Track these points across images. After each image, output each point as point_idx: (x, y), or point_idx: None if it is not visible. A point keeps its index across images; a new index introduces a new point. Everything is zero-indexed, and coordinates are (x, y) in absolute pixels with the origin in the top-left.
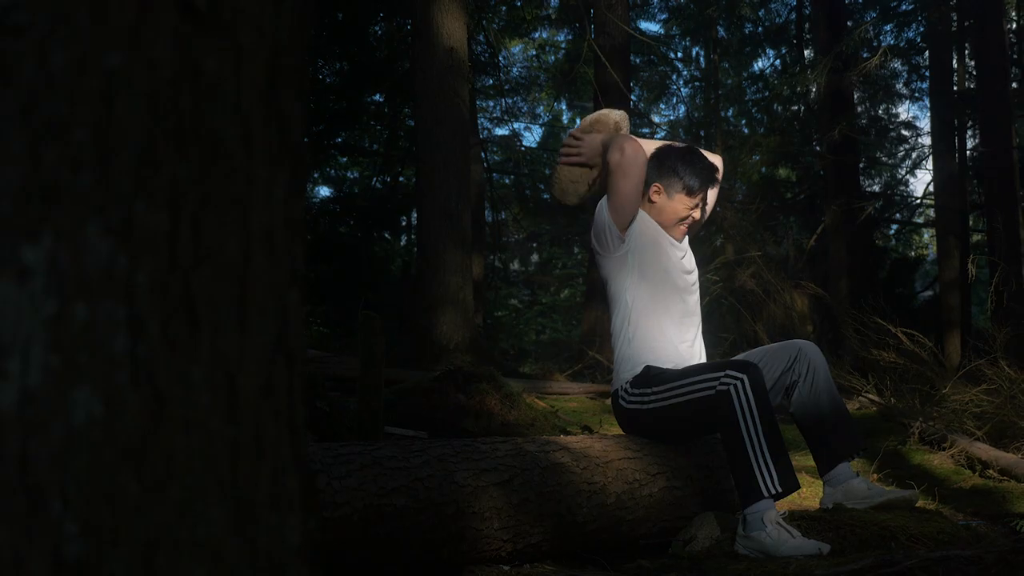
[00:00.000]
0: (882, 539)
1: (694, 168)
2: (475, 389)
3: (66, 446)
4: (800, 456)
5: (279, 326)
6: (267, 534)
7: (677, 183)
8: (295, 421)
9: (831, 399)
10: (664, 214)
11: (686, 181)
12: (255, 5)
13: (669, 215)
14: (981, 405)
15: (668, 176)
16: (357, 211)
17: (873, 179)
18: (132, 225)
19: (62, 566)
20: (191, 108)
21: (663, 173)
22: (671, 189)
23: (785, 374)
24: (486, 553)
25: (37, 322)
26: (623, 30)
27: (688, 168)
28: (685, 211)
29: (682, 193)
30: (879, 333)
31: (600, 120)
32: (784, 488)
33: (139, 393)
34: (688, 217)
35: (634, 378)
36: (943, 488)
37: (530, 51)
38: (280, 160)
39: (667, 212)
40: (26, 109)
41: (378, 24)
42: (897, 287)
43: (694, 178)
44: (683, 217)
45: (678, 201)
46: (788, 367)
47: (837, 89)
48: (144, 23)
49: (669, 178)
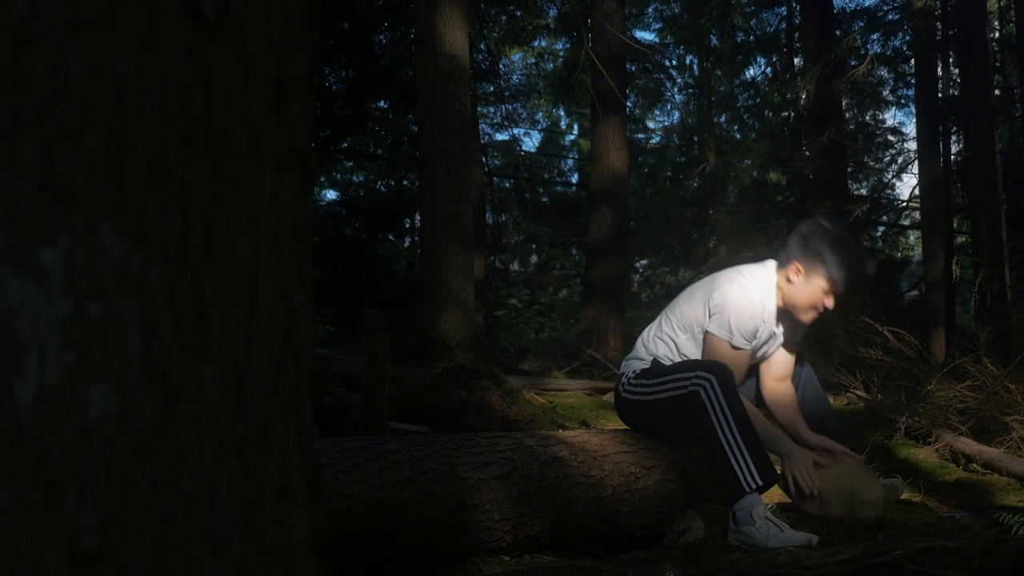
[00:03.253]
0: (869, 530)
1: (842, 262)
2: (476, 386)
3: (81, 441)
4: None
5: (286, 325)
6: (275, 526)
7: (821, 269)
8: (302, 417)
9: (816, 397)
10: (798, 298)
11: (832, 273)
12: (263, 14)
13: (803, 301)
14: (965, 401)
15: (813, 260)
16: (362, 214)
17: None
18: (144, 227)
19: (77, 556)
20: (201, 114)
21: (808, 254)
22: (813, 273)
23: None
24: (487, 544)
25: (53, 321)
26: (619, 39)
27: (836, 260)
28: (821, 298)
29: (824, 281)
30: (866, 332)
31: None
32: (765, 481)
33: (151, 390)
34: (822, 304)
35: (641, 370)
36: (928, 481)
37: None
38: (287, 164)
39: (801, 296)
40: (42, 115)
41: (382, 33)
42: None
43: (842, 272)
44: (818, 304)
45: (818, 286)
46: None
47: (826, 96)
48: (155, 32)
49: (814, 262)
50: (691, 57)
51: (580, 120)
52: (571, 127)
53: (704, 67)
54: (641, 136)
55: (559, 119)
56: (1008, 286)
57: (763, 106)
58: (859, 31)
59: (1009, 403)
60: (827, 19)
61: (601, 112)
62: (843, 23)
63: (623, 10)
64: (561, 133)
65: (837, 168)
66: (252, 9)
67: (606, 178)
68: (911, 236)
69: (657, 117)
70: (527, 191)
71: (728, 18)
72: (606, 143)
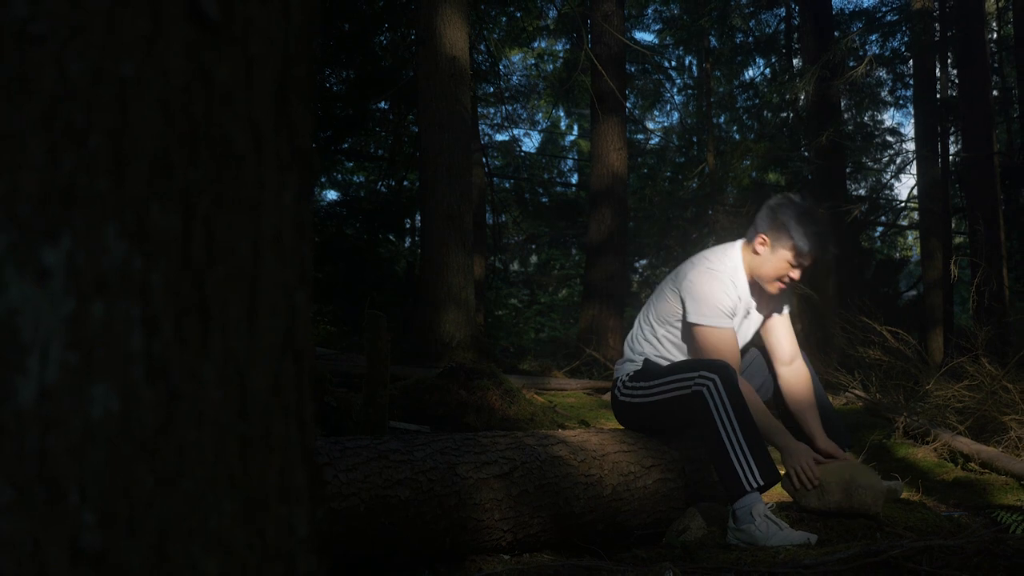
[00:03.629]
0: (868, 529)
1: (807, 232)
2: (476, 385)
3: (83, 440)
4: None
5: (288, 324)
6: (276, 525)
7: (786, 240)
8: (303, 416)
9: (817, 396)
10: (764, 268)
11: (796, 243)
12: (265, 16)
13: (768, 271)
14: (963, 401)
15: (778, 231)
16: (363, 214)
17: (859, 183)
18: (147, 227)
19: (79, 554)
20: (203, 115)
21: (774, 226)
22: (778, 243)
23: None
24: (487, 543)
25: (56, 321)
26: (619, 40)
27: (800, 231)
28: (786, 269)
29: (789, 252)
30: (865, 331)
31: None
32: (766, 480)
33: (153, 389)
34: (787, 275)
35: (635, 372)
36: (927, 480)
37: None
38: (289, 165)
39: (767, 267)
40: (46, 116)
41: (383, 34)
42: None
43: (806, 242)
44: (782, 275)
45: (783, 257)
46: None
47: (824, 97)
48: (157, 34)
49: (779, 233)
50: (690, 58)
51: (580, 121)
52: (571, 128)
53: (703, 68)
54: (640, 137)
55: (559, 120)
56: (1006, 286)
57: (762, 107)
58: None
59: (1007, 402)
60: (826, 20)
61: (601, 113)
62: (842, 24)
63: (622, 11)
64: (561, 134)
65: (836, 168)
66: (254, 11)
67: (606, 178)
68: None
69: (656, 118)
70: (527, 191)
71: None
72: (606, 144)
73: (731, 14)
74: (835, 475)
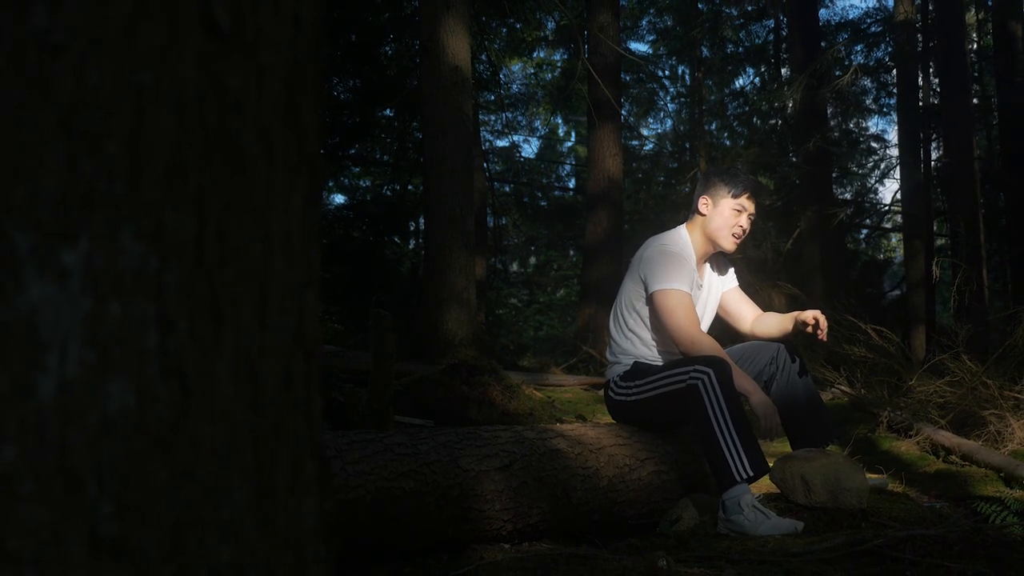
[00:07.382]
0: (853, 519)
1: (736, 177)
2: (478, 381)
3: (101, 433)
4: (780, 443)
5: (297, 323)
6: (286, 515)
7: (722, 189)
8: (312, 411)
9: (807, 390)
10: (714, 223)
11: (729, 187)
12: (275, 26)
13: (719, 224)
14: (944, 396)
15: (713, 187)
16: (369, 217)
17: (845, 187)
18: (162, 230)
19: (97, 543)
20: (216, 122)
21: (709, 186)
22: (717, 197)
23: (766, 368)
24: (488, 532)
25: (74, 319)
26: (614, 50)
27: (729, 177)
28: (733, 217)
29: (727, 197)
30: (850, 330)
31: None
32: (755, 472)
33: (168, 385)
34: (736, 225)
35: (624, 372)
36: (909, 473)
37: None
38: (298, 170)
39: (716, 220)
40: (64, 123)
41: (388, 44)
42: (867, 287)
43: (737, 182)
44: (732, 225)
45: (725, 206)
46: (769, 362)
47: (812, 104)
48: (172, 43)
49: (714, 188)
50: (683, 67)
51: (577, 127)
52: (568, 134)
53: (695, 77)
54: (635, 143)
55: (557, 127)
56: (985, 286)
57: (752, 114)
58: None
59: (986, 398)
60: (813, 31)
61: (597, 120)
62: (828, 35)
63: (618, 23)
64: (559, 140)
65: (822, 173)
66: (265, 22)
67: (602, 183)
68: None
69: (651, 125)
70: (526, 195)
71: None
72: (602, 149)
73: (722, 25)
74: (821, 475)
